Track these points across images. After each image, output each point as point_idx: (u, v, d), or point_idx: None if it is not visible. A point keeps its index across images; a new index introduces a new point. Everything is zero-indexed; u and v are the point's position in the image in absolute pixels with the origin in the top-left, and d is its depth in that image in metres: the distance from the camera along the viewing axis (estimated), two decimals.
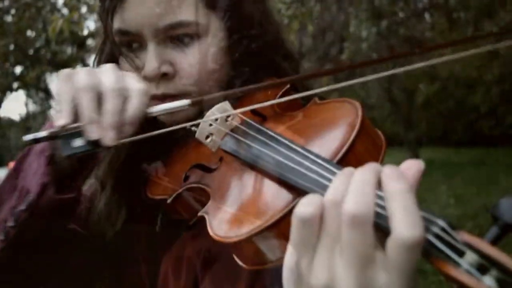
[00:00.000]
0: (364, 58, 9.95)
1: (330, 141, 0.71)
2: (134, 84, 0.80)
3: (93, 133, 0.76)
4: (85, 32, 10.30)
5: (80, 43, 11.39)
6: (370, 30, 4.71)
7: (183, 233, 0.99)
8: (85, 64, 12.87)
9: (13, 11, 10.01)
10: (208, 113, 0.84)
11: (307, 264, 0.53)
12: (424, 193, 9.99)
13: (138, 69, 0.93)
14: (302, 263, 0.53)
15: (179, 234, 1.00)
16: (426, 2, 8.12)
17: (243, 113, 0.86)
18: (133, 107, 0.79)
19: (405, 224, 0.48)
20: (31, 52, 11.27)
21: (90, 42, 11.35)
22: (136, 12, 0.90)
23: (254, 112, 0.89)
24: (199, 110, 0.88)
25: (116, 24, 0.93)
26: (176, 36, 0.91)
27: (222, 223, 0.72)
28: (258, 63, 0.99)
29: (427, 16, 9.90)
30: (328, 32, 9.71)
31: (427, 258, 0.49)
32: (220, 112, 0.84)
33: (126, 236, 1.05)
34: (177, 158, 1.00)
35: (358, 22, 4.74)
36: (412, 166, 0.54)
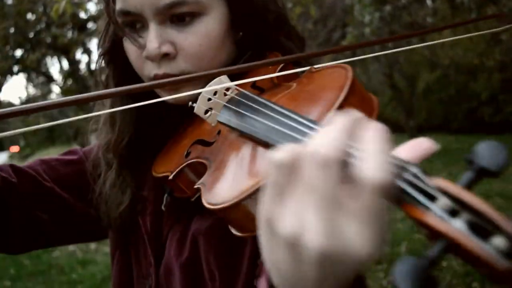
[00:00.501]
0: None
1: (320, 103, 0.72)
2: None
3: None
4: (86, 15, 10.26)
5: (80, 26, 11.33)
6: (373, 15, 4.69)
7: (187, 211, 1.00)
8: (85, 48, 12.82)
9: None
10: (206, 88, 0.84)
11: (277, 211, 0.52)
12: None
13: (141, 48, 0.94)
14: (273, 209, 0.52)
15: (184, 212, 1.00)
16: None
17: (242, 87, 0.86)
18: None
19: (373, 167, 0.47)
20: (31, 35, 11.21)
21: (90, 25, 11.29)
22: None
23: (253, 86, 0.90)
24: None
25: (118, 5, 0.93)
26: (177, 15, 0.91)
27: (215, 192, 0.73)
28: (261, 42, 0.99)
29: (429, 2, 9.85)
30: (330, 18, 9.69)
31: (399, 204, 0.49)
32: (216, 86, 0.84)
33: (132, 215, 1.06)
34: (181, 136, 1.01)
35: (362, 7, 4.72)
36: (424, 143, 0.53)
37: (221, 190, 0.72)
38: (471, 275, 5.08)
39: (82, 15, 9.81)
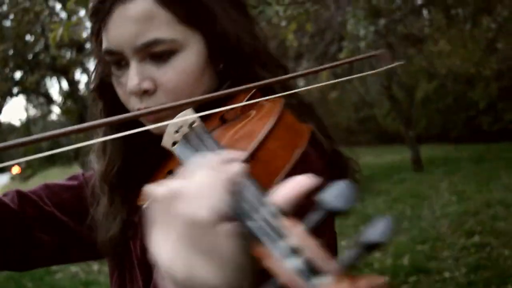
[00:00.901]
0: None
1: (246, 139, 0.79)
2: None
3: None
4: (84, 36, 10.32)
5: (79, 47, 11.39)
6: (368, 29, 4.73)
7: None
8: (84, 68, 12.88)
9: (11, 16, 10.02)
10: (173, 121, 0.88)
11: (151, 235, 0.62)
12: (426, 191, 10.02)
13: (122, 85, 1.00)
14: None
15: None
16: None
17: (211, 119, 0.92)
18: None
19: (200, 206, 0.58)
20: (30, 57, 11.28)
21: (89, 45, 11.36)
22: (116, 32, 0.95)
23: (221, 118, 0.94)
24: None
25: (104, 44, 0.99)
26: (155, 53, 0.95)
27: None
28: (239, 74, 1.01)
29: (424, 12, 9.92)
30: (327, 31, 9.74)
31: (247, 241, 0.54)
32: (182, 120, 0.88)
33: (123, 240, 1.10)
34: (164, 166, 1.04)
35: (356, 21, 4.76)
36: (301, 181, 0.57)
37: None
38: (474, 285, 5.07)
39: (81, 36, 9.86)
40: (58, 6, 10.84)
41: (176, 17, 0.95)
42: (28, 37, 10.77)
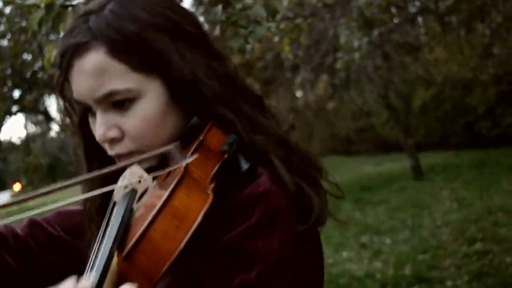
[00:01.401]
0: (358, 67, 10.00)
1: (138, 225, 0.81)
2: None
3: None
4: None
5: None
6: (361, 40, 4.75)
7: None
8: None
9: (8, 36, 10.06)
10: (121, 177, 0.93)
11: None
12: (426, 199, 10.00)
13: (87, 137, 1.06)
14: None
15: None
16: (418, 6, 8.18)
17: (163, 175, 0.95)
18: None
19: None
20: (28, 75, 11.31)
21: None
22: (76, 85, 0.98)
23: (167, 175, 0.94)
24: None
25: (73, 93, 1.01)
26: (116, 101, 0.97)
27: None
28: (203, 111, 0.99)
29: (420, 20, 9.96)
30: (322, 43, 9.78)
31: None
32: (129, 176, 0.92)
33: None
34: None
35: (350, 32, 4.78)
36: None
37: None
38: None
39: None
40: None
41: (129, 66, 0.95)
42: (26, 56, 10.80)
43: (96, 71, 0.94)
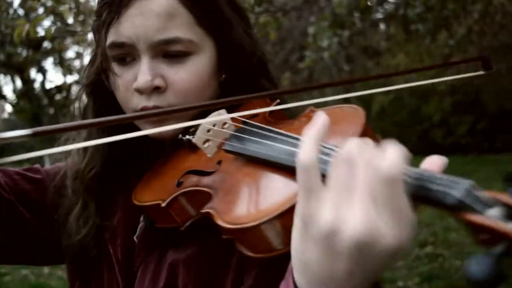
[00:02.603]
0: (324, 67, 10.08)
1: (339, 135, 0.77)
2: None
3: None
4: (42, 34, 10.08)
5: (36, 45, 11.13)
6: (332, 40, 4.79)
7: (161, 242, 1.01)
8: (40, 67, 12.59)
9: None
10: (206, 119, 0.89)
11: (314, 208, 0.59)
12: None
13: (127, 82, 0.98)
14: (310, 207, 0.59)
15: (157, 243, 1.02)
16: (383, 13, 8.31)
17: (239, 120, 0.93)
18: None
19: (388, 164, 0.57)
20: None
21: (46, 44, 11.11)
22: (133, 25, 0.93)
23: (249, 120, 0.94)
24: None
25: (110, 37, 0.96)
26: (170, 51, 0.95)
27: (235, 214, 0.77)
28: (244, 83, 1.03)
29: (382, 26, 10.12)
30: (289, 40, 9.83)
31: (457, 212, 0.56)
32: (216, 118, 0.90)
33: (95, 245, 1.06)
34: (165, 167, 1.03)
35: (320, 31, 4.82)
36: (436, 161, 0.64)
37: (242, 212, 0.76)
38: None
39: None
40: (16, 2, 10.57)
41: (196, 19, 0.95)
42: None
43: (165, 13, 0.92)
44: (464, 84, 14.08)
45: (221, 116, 0.90)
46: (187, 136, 0.95)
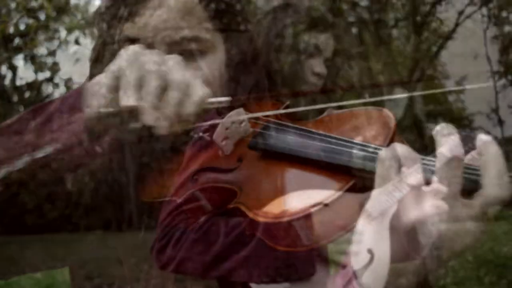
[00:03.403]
0: None
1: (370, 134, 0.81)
2: (199, 85, 0.78)
3: (151, 119, 0.73)
4: (12, 31, 9.94)
5: (6, 41, 10.94)
6: (308, 42, 4.83)
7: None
8: (11, 64, 12.36)
9: None
10: (226, 117, 0.90)
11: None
12: None
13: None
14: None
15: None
16: (355, 16, 8.42)
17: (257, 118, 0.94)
18: (192, 105, 0.76)
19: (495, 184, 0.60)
20: None
21: (17, 41, 10.93)
22: (153, 20, 0.92)
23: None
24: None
25: (125, 32, 0.94)
26: (187, 50, 0.93)
27: (266, 207, 0.78)
28: (252, 84, 1.03)
29: (354, 30, 10.25)
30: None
31: None
32: (235, 117, 0.91)
33: (108, 238, 1.06)
34: (177, 165, 1.03)
35: (295, 32, 4.84)
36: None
37: (273, 206, 0.77)
38: None
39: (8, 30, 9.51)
40: None
41: (210, 15, 0.95)
42: None
43: (184, 10, 0.92)
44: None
45: (240, 115, 0.91)
46: (198, 135, 0.96)
